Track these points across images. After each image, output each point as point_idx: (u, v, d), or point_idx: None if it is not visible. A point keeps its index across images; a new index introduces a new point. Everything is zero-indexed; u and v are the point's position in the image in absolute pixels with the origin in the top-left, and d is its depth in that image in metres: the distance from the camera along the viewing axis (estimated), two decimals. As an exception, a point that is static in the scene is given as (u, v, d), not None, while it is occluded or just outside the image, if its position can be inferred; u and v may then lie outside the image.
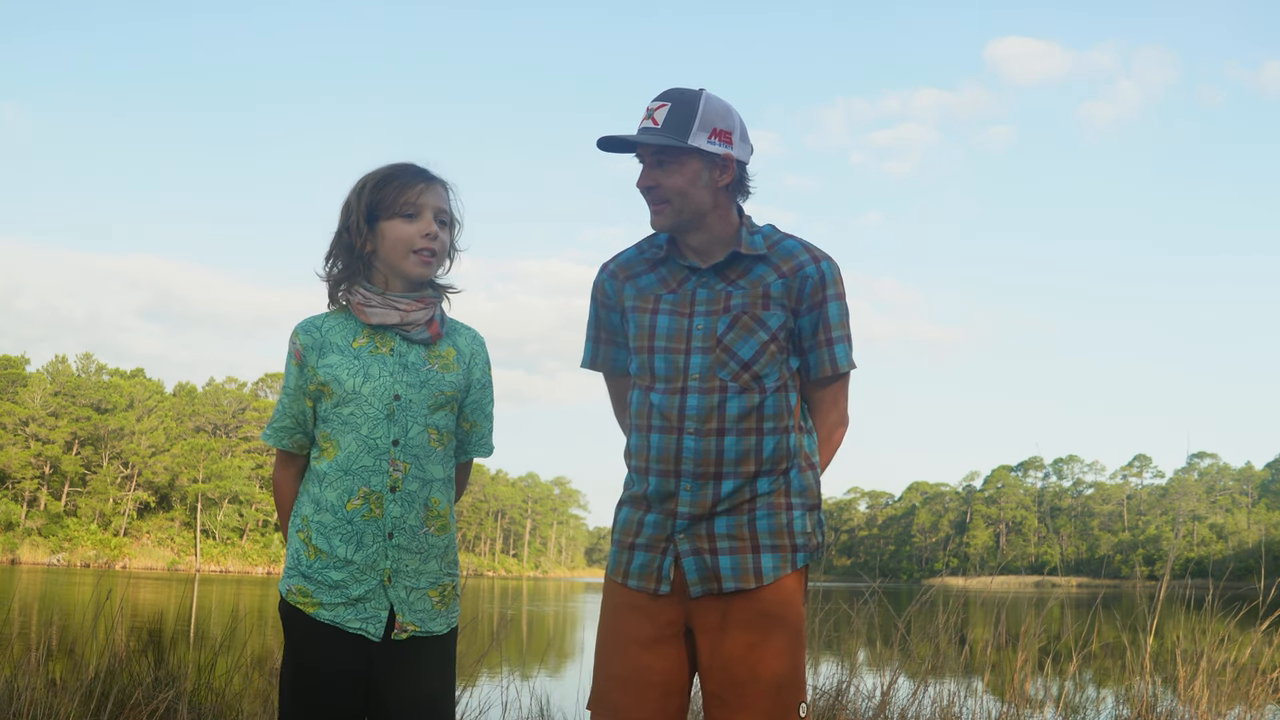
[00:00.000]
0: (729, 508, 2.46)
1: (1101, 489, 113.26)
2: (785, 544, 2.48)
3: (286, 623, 2.51)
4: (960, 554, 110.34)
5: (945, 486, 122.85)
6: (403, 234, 2.48)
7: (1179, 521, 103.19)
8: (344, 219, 2.52)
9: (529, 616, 22.20)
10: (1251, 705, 5.26)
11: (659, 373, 2.50)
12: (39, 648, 5.14)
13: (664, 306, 2.52)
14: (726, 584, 2.44)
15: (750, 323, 2.47)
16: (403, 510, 2.47)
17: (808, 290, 2.49)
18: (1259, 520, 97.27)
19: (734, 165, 2.48)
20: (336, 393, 2.47)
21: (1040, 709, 5.49)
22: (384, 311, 2.49)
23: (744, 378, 2.46)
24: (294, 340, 2.53)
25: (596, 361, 2.69)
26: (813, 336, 2.52)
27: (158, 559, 71.00)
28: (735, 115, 2.49)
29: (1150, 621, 5.62)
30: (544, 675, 9.45)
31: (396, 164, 2.53)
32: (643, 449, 2.51)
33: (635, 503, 2.55)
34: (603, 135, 2.44)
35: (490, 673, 6.42)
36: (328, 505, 2.47)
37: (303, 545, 2.49)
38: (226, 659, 5.35)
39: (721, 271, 2.51)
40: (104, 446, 75.07)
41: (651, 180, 2.46)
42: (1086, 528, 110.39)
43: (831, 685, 5.19)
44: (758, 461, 2.46)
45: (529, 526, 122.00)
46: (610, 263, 2.65)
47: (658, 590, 2.47)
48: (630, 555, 2.52)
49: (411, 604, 2.49)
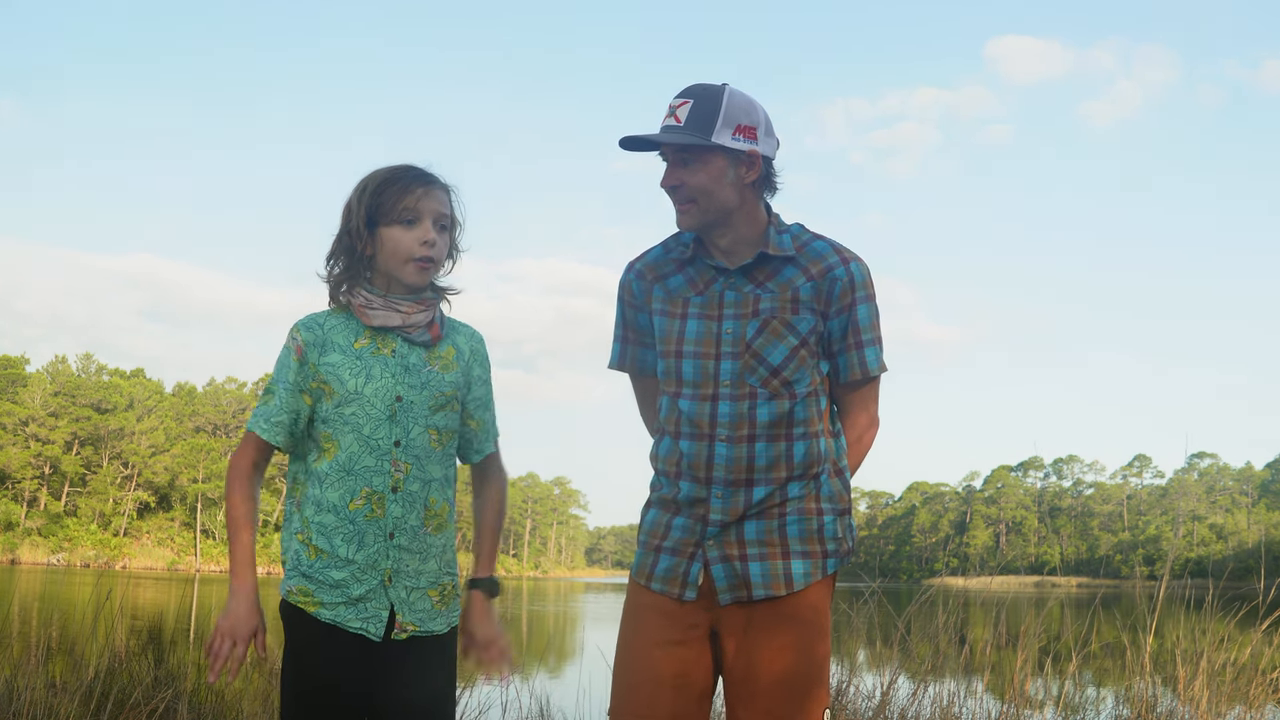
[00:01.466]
0: (759, 512, 2.43)
1: (1101, 489, 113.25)
2: (816, 550, 2.45)
3: (287, 623, 2.51)
4: (960, 554, 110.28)
5: (945, 486, 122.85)
6: (401, 241, 2.45)
7: (1179, 521, 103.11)
8: (345, 222, 2.50)
9: (529, 616, 22.19)
10: (1251, 705, 5.26)
11: (687, 378, 2.46)
12: (39, 648, 5.14)
13: (693, 310, 2.48)
14: (756, 591, 2.41)
15: (780, 328, 2.42)
16: (404, 511, 2.47)
17: (837, 293, 2.45)
18: (1259, 520, 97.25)
19: (760, 161, 2.41)
20: (338, 392, 2.46)
21: (1040, 709, 5.49)
22: (386, 314, 2.48)
23: (774, 384, 2.42)
24: (295, 335, 2.51)
25: (624, 362, 2.64)
26: (842, 340, 2.48)
27: (158, 559, 71.00)
28: (760, 110, 2.43)
29: (1150, 621, 5.62)
30: (544, 675, 9.45)
31: (397, 166, 2.50)
32: (673, 455, 2.47)
33: (664, 505, 2.51)
34: (625, 135, 2.39)
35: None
36: (329, 506, 2.46)
37: (303, 547, 2.48)
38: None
39: (749, 273, 2.46)
40: (104, 446, 75.07)
41: (676, 179, 2.41)
42: (1086, 528, 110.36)
43: (831, 685, 5.19)
44: (789, 467, 2.43)
45: (529, 526, 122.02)
46: (637, 262, 2.60)
47: (682, 596, 2.44)
48: (656, 558, 2.49)
49: (412, 604, 2.48)
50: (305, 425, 2.51)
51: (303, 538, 2.48)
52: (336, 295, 2.52)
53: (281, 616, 2.53)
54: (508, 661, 2.59)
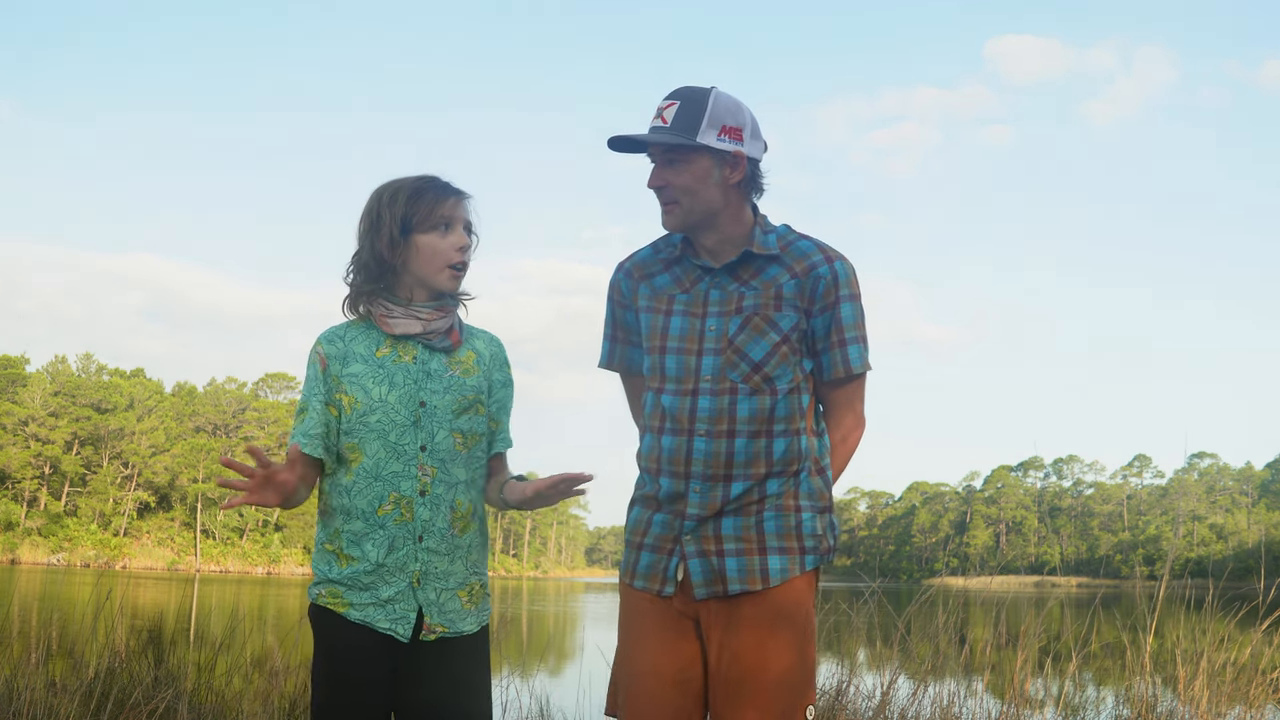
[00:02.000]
0: (737, 508, 2.45)
1: (1101, 489, 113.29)
2: (794, 546, 2.46)
3: (316, 624, 2.55)
4: (960, 554, 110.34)
5: (945, 486, 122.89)
6: (438, 247, 2.53)
7: (1179, 521, 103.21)
8: (372, 230, 2.54)
9: (529, 616, 22.19)
10: (1251, 705, 5.26)
11: (670, 373, 2.49)
12: (39, 648, 5.14)
13: (677, 307, 2.51)
14: (732, 586, 2.42)
15: (762, 324, 2.45)
16: (431, 514, 2.52)
17: (820, 291, 2.47)
18: (1259, 520, 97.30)
19: (745, 162, 2.45)
20: (362, 401, 2.51)
21: (1040, 709, 5.50)
22: (407, 322, 2.54)
23: (755, 379, 2.44)
24: (318, 349, 2.57)
25: (614, 361, 2.68)
26: (826, 338, 2.50)
27: (158, 559, 71.01)
28: (746, 112, 2.47)
29: (1150, 621, 5.63)
30: (544, 675, 9.46)
31: (424, 176, 2.58)
32: (654, 451, 2.50)
33: (645, 503, 2.55)
34: (612, 135, 2.43)
35: (490, 672, 6.42)
36: (359, 513, 2.50)
37: (333, 556, 2.53)
38: (226, 659, 5.36)
39: (734, 271, 2.50)
40: (104, 446, 75.09)
41: (661, 180, 2.45)
42: (1086, 528, 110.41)
43: (831, 685, 5.19)
44: (768, 464, 2.45)
45: (529, 526, 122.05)
46: (626, 262, 2.64)
47: (662, 591, 2.47)
48: (638, 555, 2.52)
49: (441, 605, 2.53)
50: (336, 437, 2.55)
51: (332, 547, 2.53)
52: (357, 306, 2.58)
53: (310, 620, 2.57)
54: (572, 479, 2.47)
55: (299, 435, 2.54)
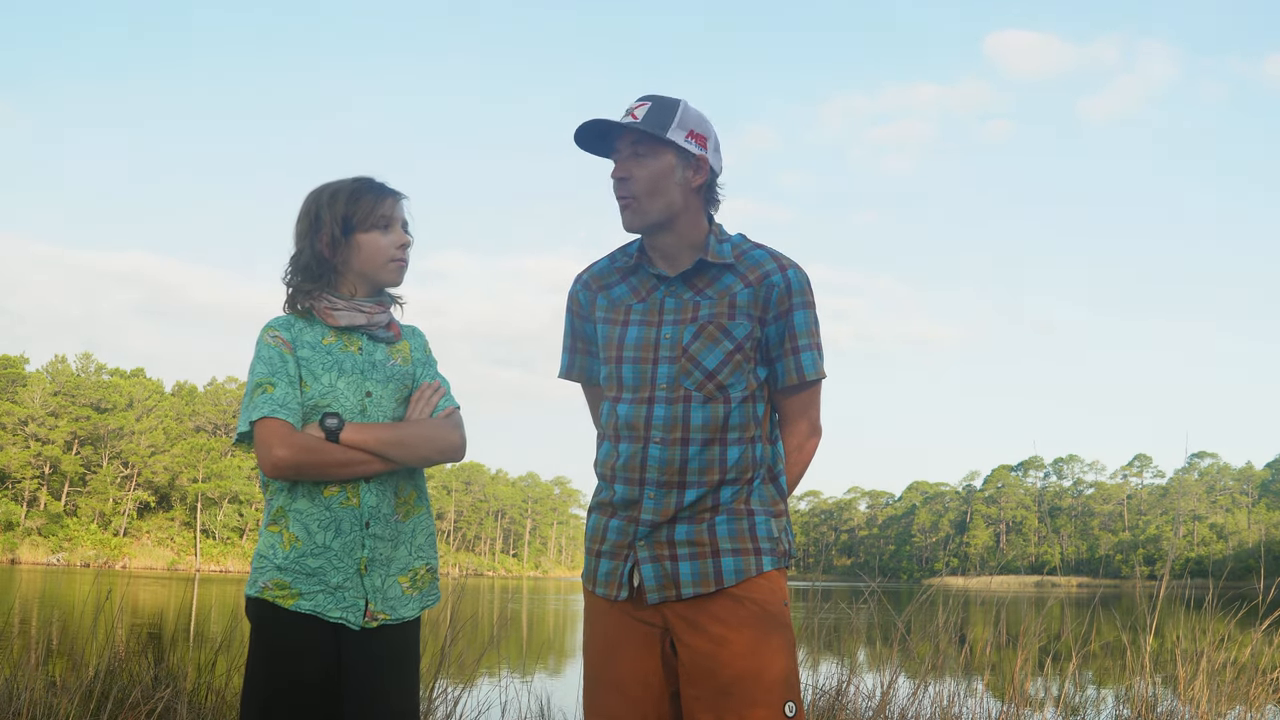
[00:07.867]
0: (690, 515, 2.47)
1: (1101, 489, 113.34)
2: (748, 547, 2.47)
3: (257, 622, 2.54)
4: (960, 554, 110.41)
5: (945, 486, 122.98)
6: (380, 245, 2.63)
7: (1179, 521, 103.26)
8: (313, 229, 2.62)
9: (529, 616, 22.19)
10: (1251, 705, 5.26)
11: (626, 382, 2.52)
12: (39, 647, 5.14)
13: (634, 317, 2.54)
14: (685, 590, 2.44)
15: (715, 332, 2.47)
16: (377, 499, 2.57)
17: (774, 299, 2.50)
18: (1259, 520, 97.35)
19: (707, 167, 2.50)
20: (312, 387, 2.56)
21: (1040, 709, 5.49)
22: (351, 314, 2.63)
23: (708, 387, 2.46)
24: (275, 334, 2.59)
25: (573, 372, 2.72)
26: (780, 345, 2.52)
27: (158, 559, 71.02)
28: (711, 127, 2.54)
29: (1150, 621, 5.62)
30: (544, 675, 9.46)
31: (360, 178, 2.67)
32: (610, 458, 2.53)
33: (602, 509, 2.57)
34: (584, 121, 2.45)
35: (490, 673, 6.42)
36: (304, 492, 2.54)
37: (277, 537, 2.55)
38: (226, 658, 5.35)
39: (689, 280, 2.53)
40: (104, 446, 75.10)
41: (625, 171, 2.48)
42: (1086, 527, 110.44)
43: (831, 685, 5.19)
44: (721, 471, 2.47)
45: (529, 526, 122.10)
46: (584, 273, 2.68)
47: (618, 596, 2.50)
48: (597, 563, 2.56)
49: (385, 592, 2.57)
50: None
51: (276, 528, 2.55)
52: (297, 302, 2.64)
53: (250, 618, 2.57)
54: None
55: (273, 406, 2.48)
